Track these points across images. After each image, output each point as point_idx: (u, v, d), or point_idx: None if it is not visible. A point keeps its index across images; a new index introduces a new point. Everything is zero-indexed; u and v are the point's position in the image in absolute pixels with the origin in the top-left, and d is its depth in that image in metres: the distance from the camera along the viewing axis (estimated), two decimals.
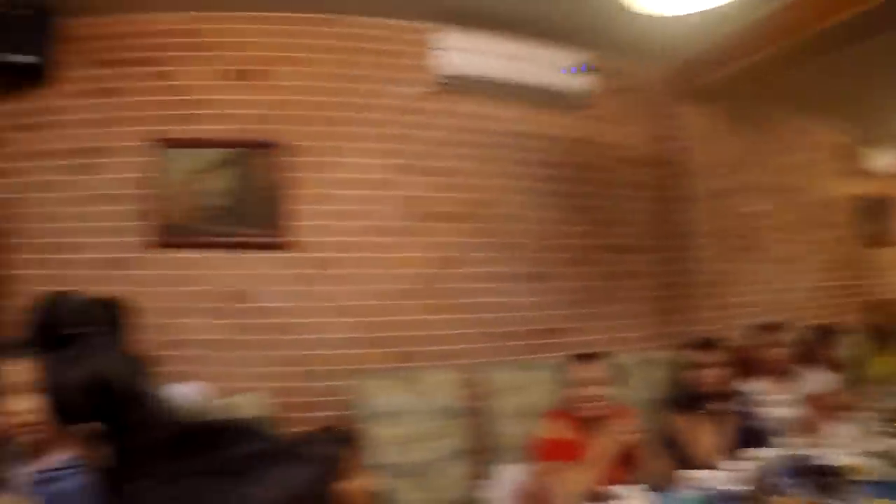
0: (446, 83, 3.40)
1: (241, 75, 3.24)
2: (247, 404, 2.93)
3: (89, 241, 3.18)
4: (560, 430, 2.45)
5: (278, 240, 3.10)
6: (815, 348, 3.43)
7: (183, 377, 2.95)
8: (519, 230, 3.55)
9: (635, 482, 2.27)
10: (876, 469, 2.07)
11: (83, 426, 1.24)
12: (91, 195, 3.20)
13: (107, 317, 2.54)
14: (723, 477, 2.16)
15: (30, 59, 3.10)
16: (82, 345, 1.37)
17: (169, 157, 3.13)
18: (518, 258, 3.53)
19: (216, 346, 3.12)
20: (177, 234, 3.11)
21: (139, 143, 3.17)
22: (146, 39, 3.28)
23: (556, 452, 2.39)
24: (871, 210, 5.07)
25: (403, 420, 3.02)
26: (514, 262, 3.52)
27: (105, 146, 3.22)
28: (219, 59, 3.25)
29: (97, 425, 1.24)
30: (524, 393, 3.20)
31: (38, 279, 3.19)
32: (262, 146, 3.13)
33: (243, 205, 3.10)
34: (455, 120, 3.43)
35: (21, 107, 3.32)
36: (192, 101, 3.20)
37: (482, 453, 3.14)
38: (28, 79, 3.24)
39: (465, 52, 3.37)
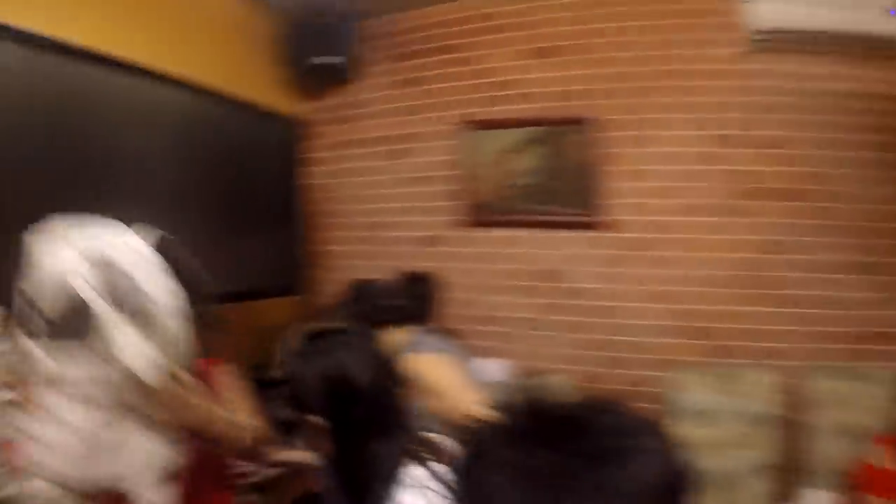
0: (762, 40, 3.07)
1: (541, 53, 3.20)
2: (551, 387, 2.89)
3: (403, 221, 3.38)
4: (893, 460, 2.09)
5: (590, 219, 3.00)
6: None
7: (489, 353, 3.05)
8: (849, 211, 3.06)
9: None
10: None
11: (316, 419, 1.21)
12: (403, 178, 3.40)
13: (418, 291, 2.64)
14: None
15: (338, 59, 3.37)
16: (337, 338, 1.32)
17: (477, 138, 3.19)
18: (848, 244, 3.04)
19: (524, 325, 3.14)
20: (487, 212, 3.17)
21: (447, 128, 3.28)
22: (443, 29, 3.38)
23: (886, 487, 2.04)
24: None
25: (712, 421, 2.72)
26: (842, 250, 3.03)
27: (414, 132, 3.38)
28: (516, 39, 3.24)
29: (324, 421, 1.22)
30: (850, 407, 2.67)
31: (356, 255, 3.49)
32: (570, 123, 3.06)
33: (554, 183, 3.06)
34: (775, 81, 3.07)
35: (334, 102, 3.63)
36: (496, 83, 3.22)
37: (792, 472, 2.72)
38: (338, 77, 3.52)
39: (779, 3, 3.02)
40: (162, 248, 1.25)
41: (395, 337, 1.86)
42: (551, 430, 0.66)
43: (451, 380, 1.79)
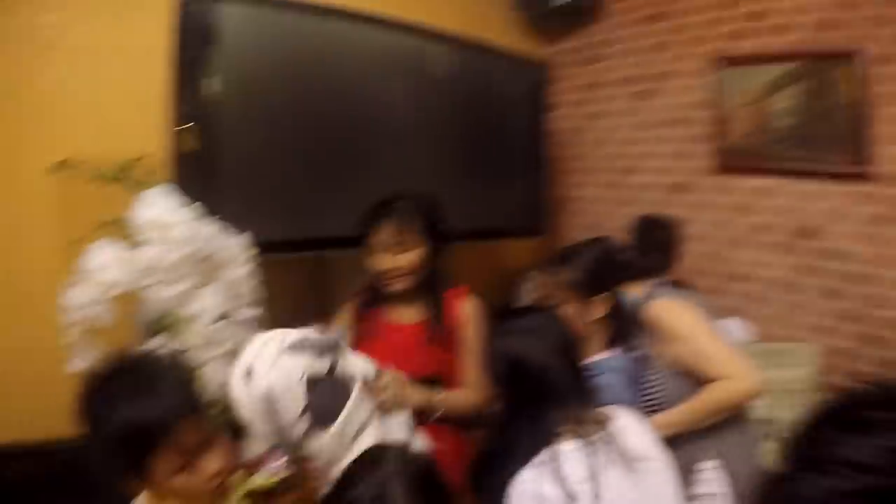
0: None
1: None
2: (795, 356, 2.68)
3: (649, 166, 3.30)
4: None
5: (856, 169, 2.61)
6: None
7: (731, 313, 2.90)
8: None
9: None
10: None
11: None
12: (650, 120, 3.28)
13: (660, 239, 2.66)
14: None
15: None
16: (525, 320, 1.52)
17: (729, 76, 2.95)
18: None
19: (771, 286, 2.93)
20: (739, 158, 2.97)
21: (697, 65, 3.07)
22: None
23: None
24: None
25: None
26: None
27: (661, 71, 3.23)
28: None
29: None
30: None
31: (600, 201, 3.52)
32: (834, 56, 2.65)
33: (815, 127, 2.72)
34: None
35: (577, 43, 3.58)
36: (751, 14, 2.90)
37: None
38: (581, 17, 3.46)
39: None
40: None
41: (632, 291, 1.91)
42: None
43: (694, 325, 1.77)
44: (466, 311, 1.94)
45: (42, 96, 2.29)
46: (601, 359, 1.80)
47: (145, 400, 1.10)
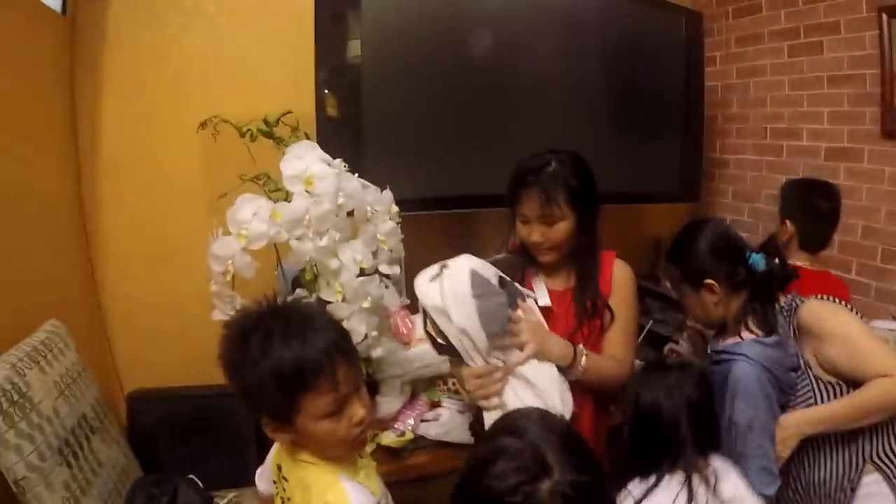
0: None
1: None
2: None
3: (808, 128, 3.01)
4: None
5: None
6: None
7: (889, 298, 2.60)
8: None
9: None
10: None
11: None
12: (810, 77, 2.97)
13: (820, 208, 2.35)
14: None
15: None
16: (665, 374, 1.61)
17: None
18: None
19: None
20: None
21: (864, 16, 2.73)
22: None
23: None
24: None
25: None
26: None
27: (824, 22, 2.90)
28: None
29: None
30: None
31: (753, 166, 3.25)
32: None
33: None
34: None
35: None
36: None
37: None
38: None
39: None
40: None
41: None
42: None
43: (849, 324, 1.65)
44: (616, 276, 1.83)
45: (189, 60, 2.39)
46: (734, 343, 1.68)
47: (300, 341, 1.09)
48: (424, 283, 1.56)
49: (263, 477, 1.36)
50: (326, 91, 1.97)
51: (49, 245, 2.13)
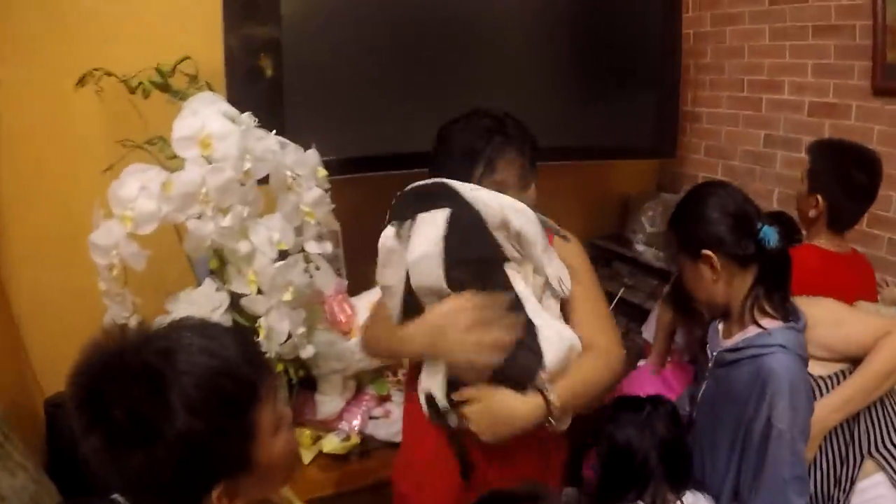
0: None
1: None
2: None
3: (791, 81, 2.74)
4: None
5: None
6: None
7: (881, 265, 2.37)
8: None
9: None
10: None
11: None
12: (794, 27, 2.69)
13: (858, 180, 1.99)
14: None
15: None
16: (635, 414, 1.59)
17: None
18: None
19: None
20: None
21: None
22: None
23: None
24: None
25: None
26: None
27: None
28: None
29: None
30: None
31: (732, 120, 3.00)
32: None
33: None
34: None
35: None
36: None
37: None
38: None
39: None
40: None
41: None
42: None
43: (836, 308, 1.54)
44: (567, 258, 1.42)
45: (79, 8, 1.99)
46: (760, 334, 1.43)
47: (216, 353, 0.82)
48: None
49: None
50: (237, 33, 1.62)
51: None
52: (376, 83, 1.90)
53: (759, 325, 1.42)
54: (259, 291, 1.37)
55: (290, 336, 1.42)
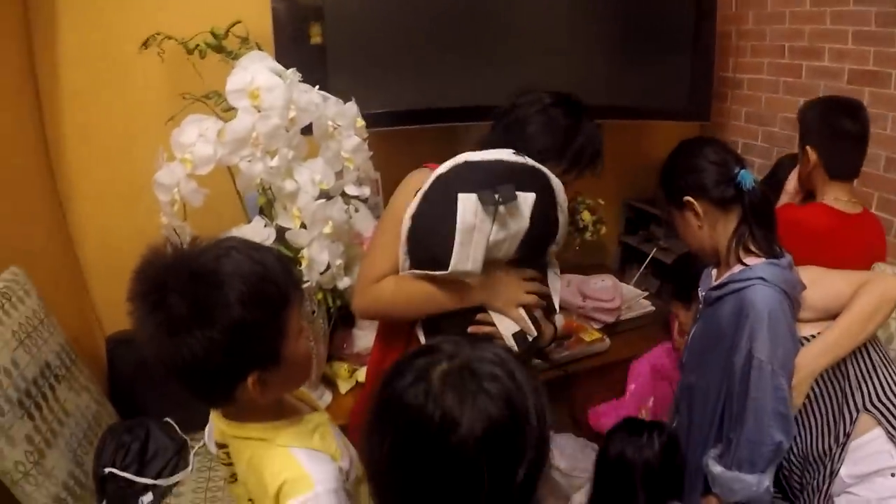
0: None
1: None
2: None
3: (833, 47, 2.71)
4: None
5: None
6: None
7: None
8: None
9: None
10: None
11: None
12: None
13: (848, 130, 2.08)
14: None
15: None
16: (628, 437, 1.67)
17: None
18: None
19: None
20: None
21: None
22: None
23: None
24: None
25: None
26: None
27: None
28: None
29: None
30: None
31: (772, 87, 3.00)
32: None
33: None
34: None
35: None
36: None
37: None
38: None
39: None
40: None
41: None
42: None
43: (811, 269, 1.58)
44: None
45: None
46: (742, 270, 1.50)
47: (259, 262, 0.96)
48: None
49: (213, 439, 1.21)
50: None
51: (12, 189, 2.01)
52: (416, 41, 2.00)
53: (744, 264, 1.49)
54: (302, 226, 1.54)
55: (328, 267, 1.59)
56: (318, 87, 1.62)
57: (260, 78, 1.46)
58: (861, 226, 1.97)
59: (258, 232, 1.53)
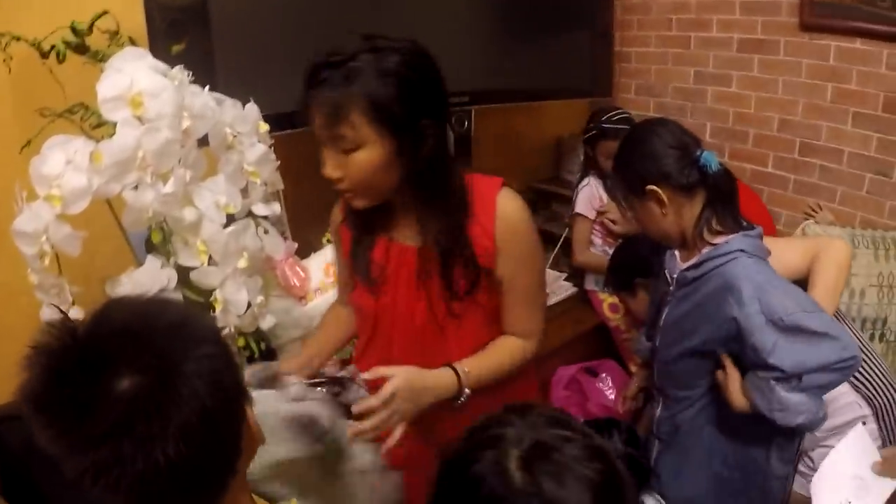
0: None
1: None
2: None
3: (720, 18, 2.77)
4: None
5: None
6: None
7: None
8: None
9: None
10: None
11: None
12: None
13: None
14: None
15: None
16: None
17: None
18: None
19: (855, 165, 2.50)
20: (828, 14, 2.42)
21: None
22: None
23: None
24: None
25: None
26: None
27: None
28: None
29: None
30: None
31: (662, 59, 3.03)
32: None
33: None
34: None
35: None
36: None
37: None
38: None
39: None
40: None
41: None
42: None
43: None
44: (502, 218, 1.23)
45: None
46: (714, 248, 1.43)
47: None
48: None
49: None
50: None
51: None
52: (311, 28, 1.78)
53: (712, 244, 1.44)
54: (210, 262, 1.27)
55: (248, 307, 1.33)
56: (207, 87, 1.34)
57: (142, 80, 1.15)
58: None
59: (154, 277, 1.23)
